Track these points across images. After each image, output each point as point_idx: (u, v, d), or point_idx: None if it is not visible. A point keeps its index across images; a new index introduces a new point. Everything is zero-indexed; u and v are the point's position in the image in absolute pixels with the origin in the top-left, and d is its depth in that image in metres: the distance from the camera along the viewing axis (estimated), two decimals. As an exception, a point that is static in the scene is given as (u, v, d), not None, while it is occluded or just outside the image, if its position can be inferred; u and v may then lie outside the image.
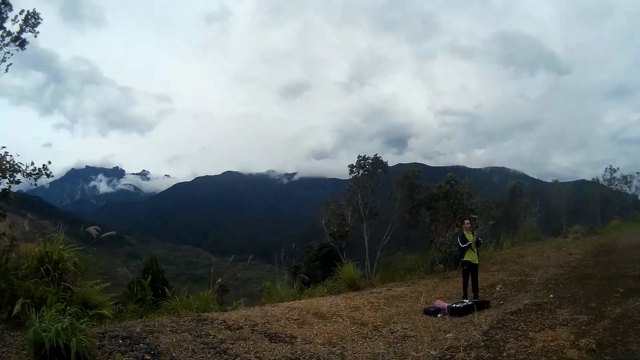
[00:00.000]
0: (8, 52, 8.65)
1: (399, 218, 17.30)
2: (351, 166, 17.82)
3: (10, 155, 7.89)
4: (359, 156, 18.19)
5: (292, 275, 15.00)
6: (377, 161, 17.99)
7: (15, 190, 8.85)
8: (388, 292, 10.02)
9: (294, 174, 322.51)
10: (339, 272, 11.14)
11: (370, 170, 17.87)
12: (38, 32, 8.88)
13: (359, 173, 17.73)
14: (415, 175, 18.06)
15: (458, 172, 20.67)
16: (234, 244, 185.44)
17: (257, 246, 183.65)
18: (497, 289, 9.68)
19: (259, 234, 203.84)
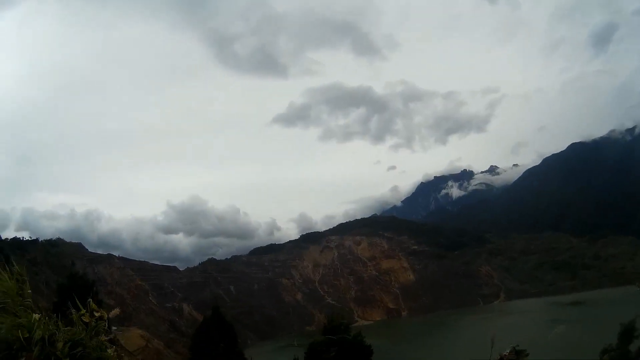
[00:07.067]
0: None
1: None
2: None
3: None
4: None
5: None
6: None
7: (368, 216, 8.41)
8: None
9: (634, 127, 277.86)
10: None
11: None
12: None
13: None
14: None
15: None
16: (591, 219, 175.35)
17: (616, 217, 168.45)
18: None
19: (614, 204, 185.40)
